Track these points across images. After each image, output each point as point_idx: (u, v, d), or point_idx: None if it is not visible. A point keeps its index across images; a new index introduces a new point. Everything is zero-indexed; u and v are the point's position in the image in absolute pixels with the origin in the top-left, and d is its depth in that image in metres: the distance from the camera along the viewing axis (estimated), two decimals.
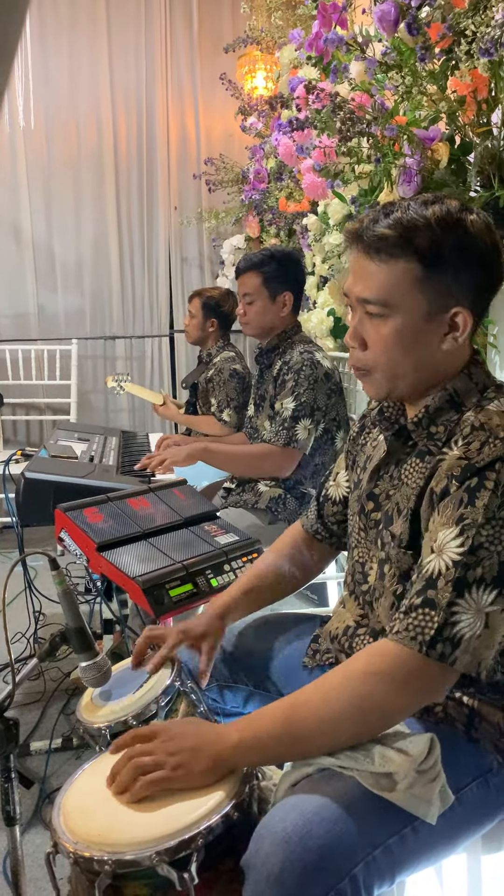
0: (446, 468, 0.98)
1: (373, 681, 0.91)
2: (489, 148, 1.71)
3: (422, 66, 1.79)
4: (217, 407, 2.95)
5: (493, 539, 0.90)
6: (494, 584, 0.90)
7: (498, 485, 0.91)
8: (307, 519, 1.38)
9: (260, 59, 4.06)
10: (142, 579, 1.47)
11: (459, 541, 0.91)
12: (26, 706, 2.30)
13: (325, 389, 2.20)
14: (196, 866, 0.84)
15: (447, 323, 1.01)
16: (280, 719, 0.93)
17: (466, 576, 0.90)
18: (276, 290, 2.30)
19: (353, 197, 2.21)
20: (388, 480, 1.12)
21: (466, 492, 0.93)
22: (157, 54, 4.66)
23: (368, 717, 0.92)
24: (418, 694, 0.93)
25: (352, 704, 0.91)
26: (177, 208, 4.82)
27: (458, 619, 0.89)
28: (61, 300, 4.70)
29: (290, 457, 2.19)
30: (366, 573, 1.16)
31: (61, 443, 2.51)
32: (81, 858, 0.85)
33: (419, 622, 0.91)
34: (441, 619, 0.90)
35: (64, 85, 4.52)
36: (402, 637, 0.92)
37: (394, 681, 0.91)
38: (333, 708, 0.92)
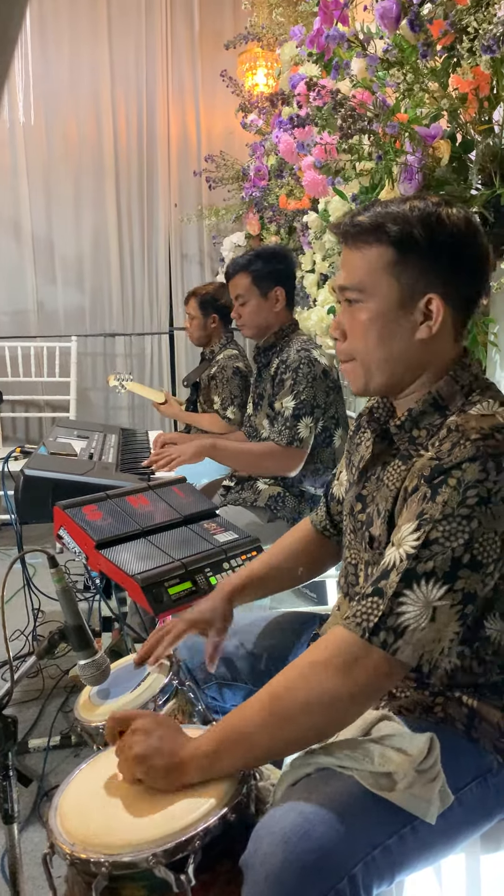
0: (418, 468, 0.99)
1: (317, 670, 0.92)
2: (490, 146, 1.70)
3: (423, 63, 1.79)
4: (220, 404, 2.94)
5: (448, 535, 0.90)
6: (445, 580, 0.90)
7: (461, 483, 0.91)
8: (316, 515, 1.39)
9: (261, 56, 4.05)
10: (141, 577, 1.46)
11: (416, 535, 0.92)
12: (25, 703, 2.30)
13: (323, 387, 2.19)
14: (193, 868, 0.83)
15: (422, 311, 1.03)
16: (234, 723, 0.93)
17: (416, 568, 0.90)
18: (267, 287, 2.30)
19: (354, 195, 2.20)
20: (374, 482, 1.12)
21: (430, 488, 0.93)
22: (158, 50, 4.65)
23: (317, 708, 0.91)
24: (360, 680, 0.91)
25: (297, 695, 0.91)
26: (177, 205, 4.81)
27: (404, 610, 0.90)
28: (61, 297, 4.70)
29: (295, 456, 2.18)
30: (357, 574, 1.16)
31: (60, 440, 2.51)
32: (78, 860, 0.85)
33: (366, 609, 0.92)
34: (386, 608, 0.90)
35: (64, 81, 4.51)
36: (348, 622, 0.93)
37: (335, 665, 0.91)
38: (281, 702, 0.92)
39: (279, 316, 2.34)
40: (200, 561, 1.58)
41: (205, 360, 3.26)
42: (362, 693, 0.93)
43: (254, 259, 2.33)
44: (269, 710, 0.92)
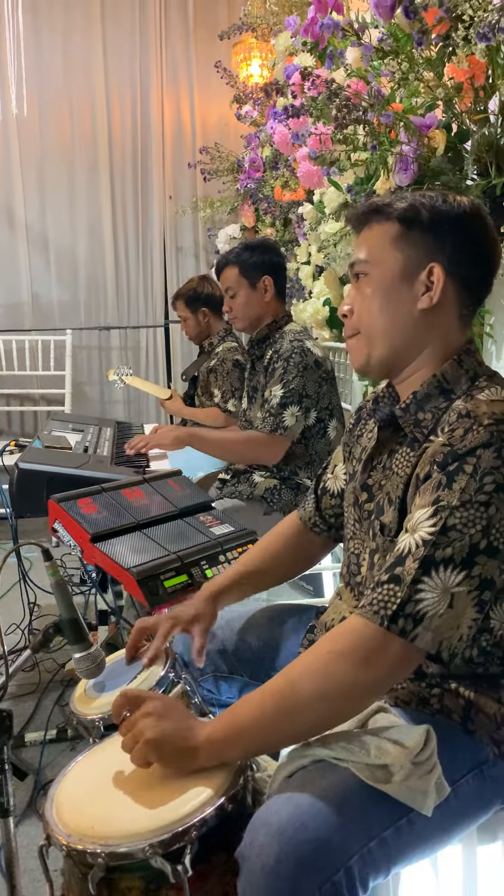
0: (430, 454, 0.98)
1: (335, 659, 0.91)
2: (486, 135, 1.69)
3: (418, 52, 1.78)
4: (221, 397, 2.93)
5: (466, 522, 0.90)
6: (463, 566, 0.90)
7: (477, 469, 0.91)
8: (304, 511, 1.37)
9: (255, 47, 4.03)
10: (136, 570, 1.46)
11: (432, 521, 0.91)
12: (20, 697, 2.30)
13: (314, 377, 2.18)
14: (190, 858, 0.83)
15: (423, 283, 1.05)
16: (248, 710, 0.93)
17: (434, 555, 0.90)
18: (255, 277, 2.29)
19: (349, 185, 2.19)
20: (380, 471, 1.12)
21: (445, 475, 0.93)
22: (152, 41, 4.62)
23: (334, 697, 0.91)
24: (380, 670, 0.91)
25: (314, 685, 0.91)
26: (171, 197, 4.79)
27: (423, 597, 0.90)
28: (55, 290, 4.68)
29: (277, 444, 2.17)
30: (360, 564, 1.16)
31: (55, 433, 2.50)
32: (74, 851, 0.84)
33: (383, 597, 0.91)
34: (405, 595, 0.90)
35: (57, 72, 4.49)
36: (365, 611, 0.92)
37: (355, 656, 0.91)
38: (297, 691, 0.91)
39: (270, 307, 2.33)
40: (196, 554, 1.58)
41: (203, 353, 3.25)
42: (381, 681, 0.93)
43: (241, 251, 2.34)
44: (285, 699, 0.91)
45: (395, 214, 1.06)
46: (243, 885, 0.84)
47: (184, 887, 0.83)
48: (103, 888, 0.86)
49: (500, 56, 1.61)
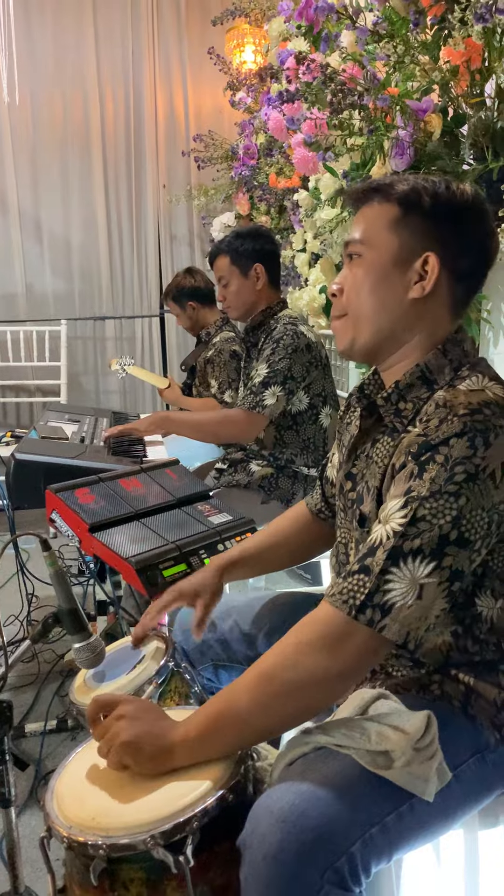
0: (405, 444, 0.97)
1: (303, 650, 0.91)
2: (483, 119, 1.68)
3: (414, 35, 1.76)
4: (218, 388, 2.92)
5: (436, 512, 0.89)
6: (432, 557, 0.89)
7: (448, 459, 0.90)
8: (312, 498, 1.38)
9: (248, 33, 4.00)
10: (135, 560, 1.45)
11: (403, 512, 0.91)
12: (20, 689, 2.30)
13: (303, 360, 2.17)
14: (191, 849, 0.83)
15: (417, 271, 1.03)
16: (221, 706, 0.93)
17: (403, 546, 0.90)
18: (246, 265, 2.28)
19: (345, 171, 2.17)
20: (363, 460, 1.12)
21: (417, 465, 0.93)
22: (144, 28, 4.58)
23: (304, 687, 0.91)
24: (348, 659, 0.91)
25: (286, 676, 0.91)
26: (165, 186, 4.76)
27: (391, 588, 0.89)
28: (49, 280, 4.66)
29: (253, 421, 2.16)
30: (348, 553, 1.16)
31: (51, 424, 2.49)
32: (75, 843, 0.84)
33: (352, 587, 0.91)
34: (373, 586, 0.89)
35: (49, 60, 4.45)
36: (334, 600, 0.92)
37: (323, 646, 0.90)
38: (269, 683, 0.91)
39: (263, 294, 2.31)
40: (195, 543, 1.57)
41: (201, 343, 3.23)
42: (349, 671, 0.92)
43: (232, 240, 2.32)
44: (258, 692, 0.91)
45: (395, 196, 1.04)
46: (246, 874, 0.84)
47: (185, 878, 0.82)
48: (105, 879, 0.86)
49: (497, 38, 1.60)
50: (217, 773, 0.90)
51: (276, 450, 2.25)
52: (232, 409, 2.24)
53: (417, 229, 1.03)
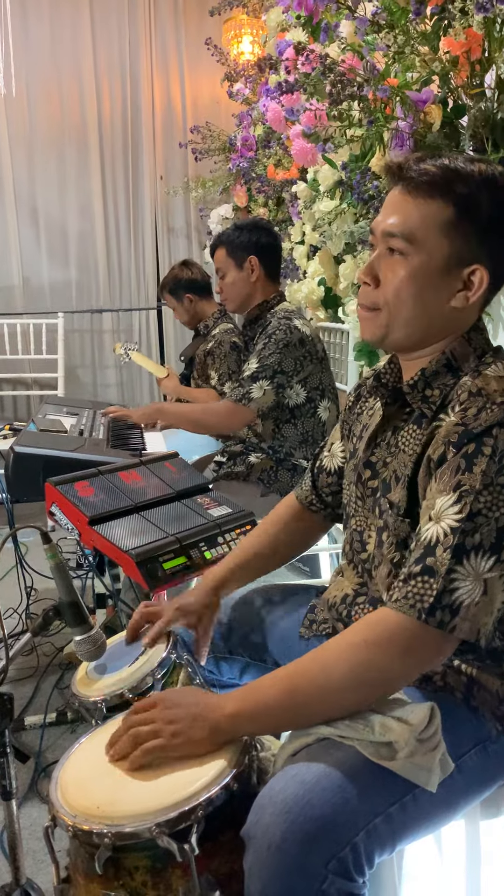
0: (443, 435, 0.97)
1: (373, 650, 0.91)
2: (483, 110, 1.68)
3: (413, 25, 1.75)
4: (218, 380, 2.91)
5: (490, 505, 0.90)
6: (492, 551, 0.89)
7: (495, 451, 0.91)
8: (301, 490, 1.37)
9: (246, 24, 3.98)
10: (135, 552, 1.45)
11: (457, 507, 0.90)
12: (20, 681, 2.30)
13: (295, 354, 2.16)
14: (196, 837, 0.83)
15: (462, 280, 1.00)
16: (279, 689, 0.93)
17: (465, 542, 0.89)
18: (241, 258, 2.28)
19: (344, 163, 2.17)
20: (385, 448, 1.11)
21: (464, 458, 0.92)
22: (141, 18, 4.56)
23: (368, 685, 0.92)
24: (418, 661, 0.93)
25: (352, 673, 0.91)
26: (163, 178, 4.74)
27: (457, 587, 0.89)
28: (46, 273, 4.64)
29: (239, 413, 2.17)
30: (364, 542, 1.15)
31: (50, 417, 2.49)
32: (80, 832, 0.84)
33: (418, 590, 0.90)
34: (440, 587, 0.89)
35: (46, 50, 4.42)
36: (401, 605, 0.91)
37: (394, 649, 0.91)
38: (332, 677, 0.91)
39: (259, 287, 2.30)
40: (195, 536, 1.57)
41: (199, 335, 3.23)
42: (417, 671, 0.95)
43: (230, 232, 2.33)
44: (318, 684, 0.92)
45: (453, 198, 0.97)
46: (250, 863, 0.84)
47: (190, 866, 0.83)
48: (110, 867, 0.86)
49: (497, 28, 1.59)
50: (222, 762, 0.90)
51: (275, 443, 2.25)
52: (220, 401, 2.27)
53: (470, 237, 0.98)
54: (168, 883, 0.85)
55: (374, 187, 1.99)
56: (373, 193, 2.00)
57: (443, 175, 0.98)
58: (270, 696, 0.93)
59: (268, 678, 0.95)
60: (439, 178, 0.98)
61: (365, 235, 2.20)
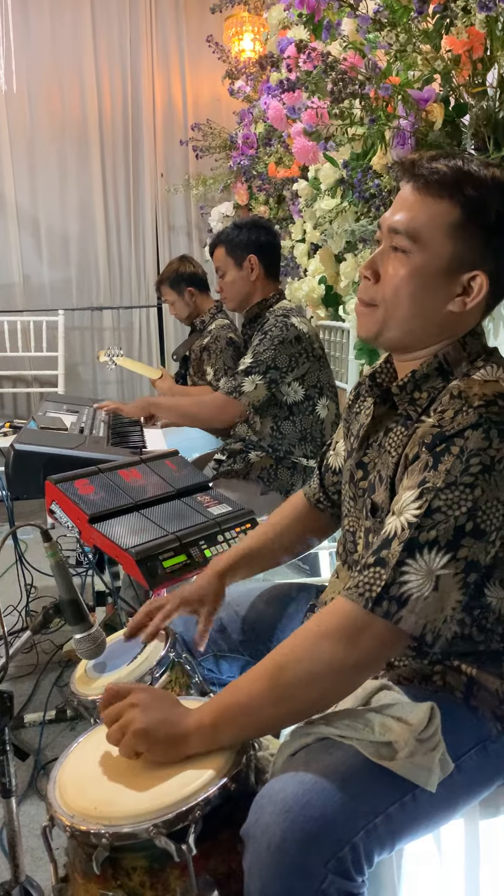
0: (419, 435, 0.97)
1: (320, 641, 0.91)
2: (484, 109, 1.67)
3: (415, 23, 1.75)
4: (214, 375, 2.91)
5: (451, 504, 0.89)
6: (448, 548, 0.89)
7: (464, 451, 0.90)
8: (310, 488, 1.37)
9: (247, 21, 3.98)
10: (135, 550, 1.45)
11: (417, 503, 0.91)
12: (19, 679, 2.30)
13: (290, 351, 2.17)
14: (194, 838, 0.83)
15: (462, 284, 1.00)
16: (238, 695, 0.93)
17: (419, 537, 0.89)
18: (240, 256, 2.28)
19: (345, 161, 2.16)
20: (375, 449, 1.11)
21: (432, 456, 0.92)
22: (142, 15, 4.55)
23: (323, 678, 0.91)
24: (365, 651, 0.91)
25: (301, 665, 0.91)
26: (163, 175, 4.74)
27: (407, 580, 0.89)
28: (47, 270, 4.63)
29: (230, 406, 2.18)
30: (356, 542, 1.15)
31: (50, 414, 2.48)
32: (78, 832, 0.84)
33: (369, 579, 0.91)
34: (389, 578, 0.89)
35: (46, 47, 4.41)
36: (350, 593, 0.92)
37: (341, 638, 0.91)
38: (285, 673, 0.91)
39: (258, 285, 2.30)
40: (195, 534, 1.57)
41: (195, 332, 3.22)
42: (366, 663, 0.93)
43: (229, 230, 2.33)
44: (273, 682, 0.91)
45: (462, 200, 0.96)
46: (249, 863, 0.84)
47: (188, 866, 0.83)
48: (108, 868, 0.86)
49: (499, 27, 1.59)
50: (219, 762, 0.90)
51: (274, 440, 2.25)
52: (211, 395, 2.28)
53: (475, 242, 0.98)
54: (166, 883, 0.85)
55: (375, 186, 1.99)
56: (374, 192, 1.99)
57: (454, 176, 0.97)
58: (230, 703, 0.93)
59: (233, 684, 0.96)
60: (450, 179, 0.97)
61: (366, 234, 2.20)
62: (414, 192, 1.00)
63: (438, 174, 0.98)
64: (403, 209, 1.00)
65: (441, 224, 0.97)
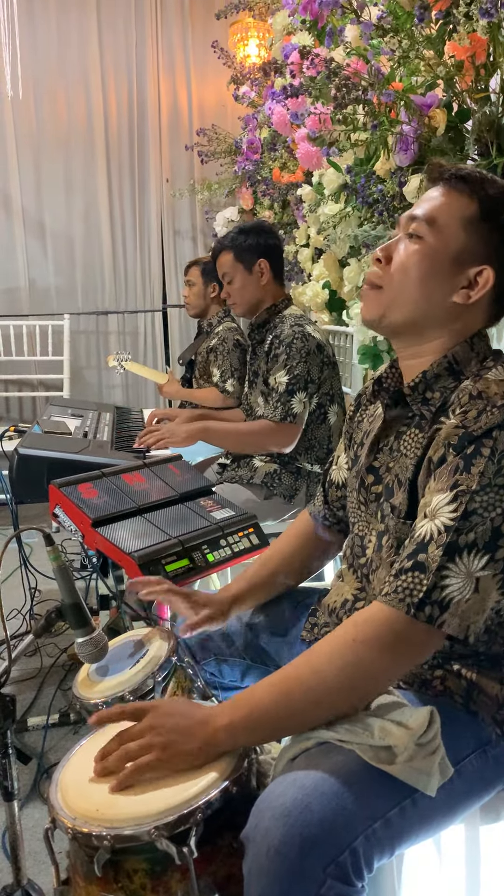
0: (444, 437, 0.97)
1: (361, 649, 0.91)
2: (487, 115, 1.68)
3: (418, 29, 1.75)
4: (220, 377, 2.92)
5: (486, 505, 0.90)
6: (486, 549, 0.90)
7: (494, 452, 0.91)
8: (314, 506, 1.38)
9: (252, 27, 3.99)
10: (138, 555, 1.46)
11: (453, 506, 0.91)
12: (23, 682, 2.30)
13: (317, 362, 2.17)
14: (195, 840, 0.83)
15: (468, 277, 1.03)
16: (272, 697, 0.92)
17: (458, 540, 0.90)
18: (250, 261, 2.27)
19: (349, 166, 2.17)
20: (387, 453, 1.11)
21: (462, 459, 0.93)
22: (148, 21, 4.57)
23: (359, 684, 0.92)
24: (405, 656, 0.93)
25: (342, 673, 0.91)
26: (168, 180, 4.75)
27: (448, 583, 0.89)
28: (52, 275, 4.65)
29: (289, 431, 2.17)
30: (364, 546, 1.16)
31: (55, 419, 2.49)
32: (80, 834, 0.85)
33: (409, 584, 0.91)
34: (431, 583, 0.90)
35: (52, 53, 4.44)
36: (390, 599, 0.92)
37: (382, 645, 0.91)
38: (324, 679, 0.92)
39: (268, 290, 2.30)
40: (197, 538, 1.57)
41: (202, 334, 3.22)
42: (405, 668, 0.95)
43: (235, 235, 2.31)
44: (310, 687, 0.92)
45: (480, 195, 1.02)
46: (249, 867, 0.84)
47: (189, 869, 0.83)
48: (109, 870, 0.86)
49: (502, 33, 1.59)
50: (221, 765, 0.90)
51: None
52: (264, 420, 2.20)
53: (487, 237, 1.02)
54: (167, 886, 0.85)
55: (378, 191, 2.00)
56: (377, 197, 2.00)
57: (478, 176, 1.04)
58: (263, 704, 0.92)
59: (259, 686, 0.95)
60: (474, 178, 1.04)
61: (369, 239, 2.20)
62: (438, 188, 1.06)
63: (463, 172, 1.05)
64: (427, 201, 1.06)
65: (458, 215, 1.03)
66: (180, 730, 0.90)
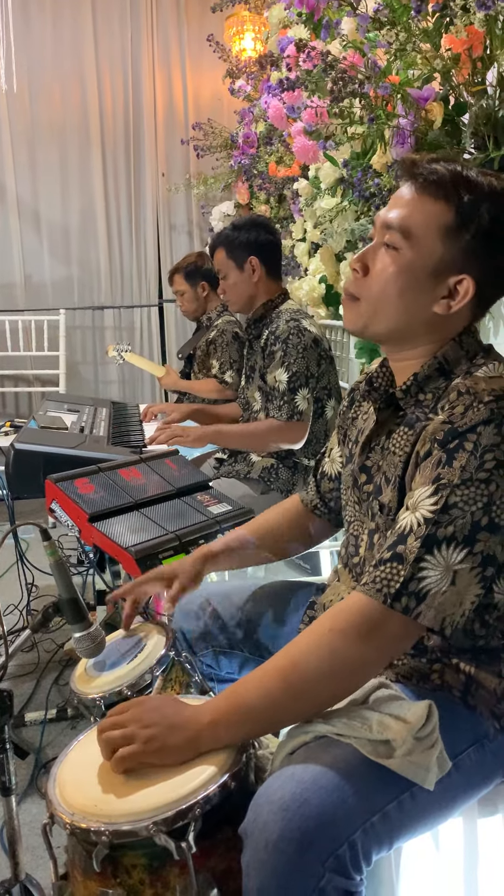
0: (430, 432, 0.97)
1: (338, 638, 0.91)
2: (484, 108, 1.67)
3: (415, 22, 1.75)
4: (219, 368, 2.92)
5: (467, 499, 0.90)
6: (465, 543, 0.90)
7: (477, 447, 0.91)
8: (306, 494, 1.37)
9: (248, 20, 3.98)
10: (135, 549, 1.45)
11: (433, 499, 0.91)
12: (20, 678, 2.30)
13: (314, 356, 2.16)
14: (193, 836, 0.83)
15: (448, 287, 1.01)
16: (252, 692, 0.92)
17: (437, 533, 0.90)
18: (241, 258, 2.26)
19: (346, 160, 2.16)
20: (379, 452, 1.11)
21: (446, 453, 0.93)
22: (143, 14, 4.55)
23: (337, 674, 0.92)
24: (382, 646, 0.93)
25: (321, 663, 0.91)
26: (164, 174, 4.74)
27: (425, 575, 0.90)
28: (48, 270, 4.64)
29: (298, 429, 2.17)
30: (358, 545, 1.16)
31: (51, 414, 2.48)
32: (78, 829, 0.85)
33: (386, 575, 0.91)
34: (408, 574, 0.90)
35: (48, 47, 4.42)
36: (367, 588, 0.92)
37: (358, 634, 0.91)
38: (303, 671, 0.92)
39: (261, 286, 2.29)
40: (194, 533, 1.57)
41: (201, 328, 3.22)
42: (382, 658, 0.94)
43: (229, 231, 2.30)
44: (290, 678, 0.91)
45: (456, 203, 0.98)
46: (247, 861, 0.84)
47: (188, 864, 0.83)
48: (107, 865, 0.86)
49: (499, 26, 1.59)
50: (220, 760, 0.90)
51: None
52: (272, 420, 2.20)
53: (465, 245, 0.99)
54: (165, 881, 0.86)
55: (374, 185, 1.99)
56: (374, 191, 2.00)
57: (452, 178, 0.99)
58: (246, 700, 0.92)
59: (242, 682, 0.95)
60: (448, 181, 0.99)
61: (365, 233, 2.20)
62: (412, 190, 1.01)
63: (437, 175, 0.99)
64: (399, 206, 1.02)
65: (434, 225, 0.99)
66: (165, 724, 0.90)
